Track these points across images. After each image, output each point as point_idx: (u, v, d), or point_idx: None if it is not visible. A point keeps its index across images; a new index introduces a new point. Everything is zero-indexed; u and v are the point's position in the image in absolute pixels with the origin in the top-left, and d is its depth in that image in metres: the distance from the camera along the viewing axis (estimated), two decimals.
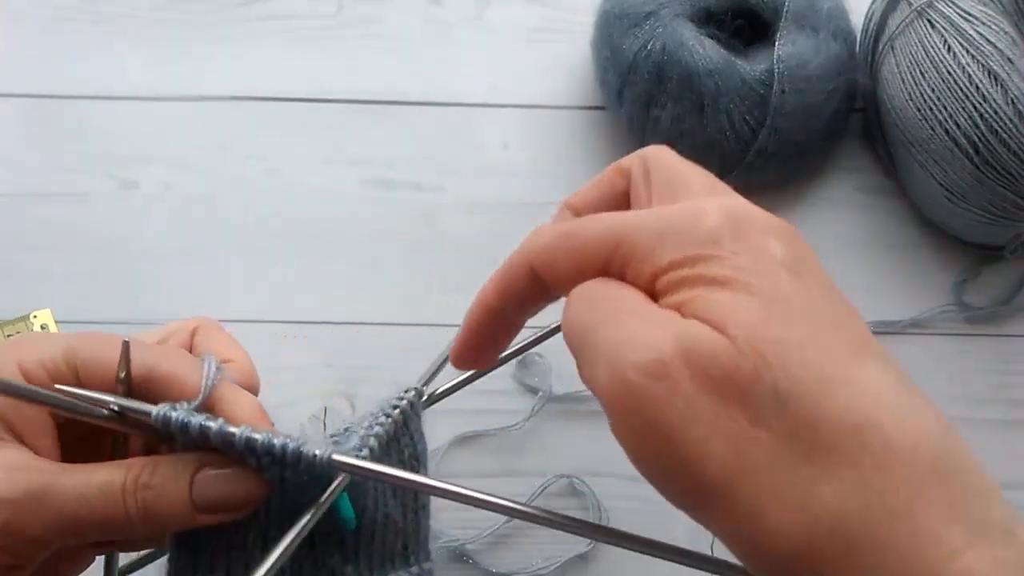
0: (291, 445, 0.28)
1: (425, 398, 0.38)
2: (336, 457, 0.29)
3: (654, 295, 0.25)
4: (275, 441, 0.28)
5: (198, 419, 0.28)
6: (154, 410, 0.29)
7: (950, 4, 0.52)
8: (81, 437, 0.32)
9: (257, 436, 0.28)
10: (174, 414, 0.28)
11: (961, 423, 0.54)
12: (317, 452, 0.28)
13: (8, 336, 0.54)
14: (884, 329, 0.56)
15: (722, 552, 0.25)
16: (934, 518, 0.21)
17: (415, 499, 0.35)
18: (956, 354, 0.56)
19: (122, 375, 0.30)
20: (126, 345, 0.30)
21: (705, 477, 0.22)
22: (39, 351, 0.30)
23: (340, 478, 0.30)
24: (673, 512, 0.26)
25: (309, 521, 0.29)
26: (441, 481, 0.29)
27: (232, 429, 0.28)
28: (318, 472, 0.29)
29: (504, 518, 0.51)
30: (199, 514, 0.30)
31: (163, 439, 0.30)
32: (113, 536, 0.30)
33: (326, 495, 0.30)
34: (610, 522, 0.51)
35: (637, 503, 0.52)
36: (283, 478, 0.30)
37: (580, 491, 0.52)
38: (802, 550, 0.21)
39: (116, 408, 0.29)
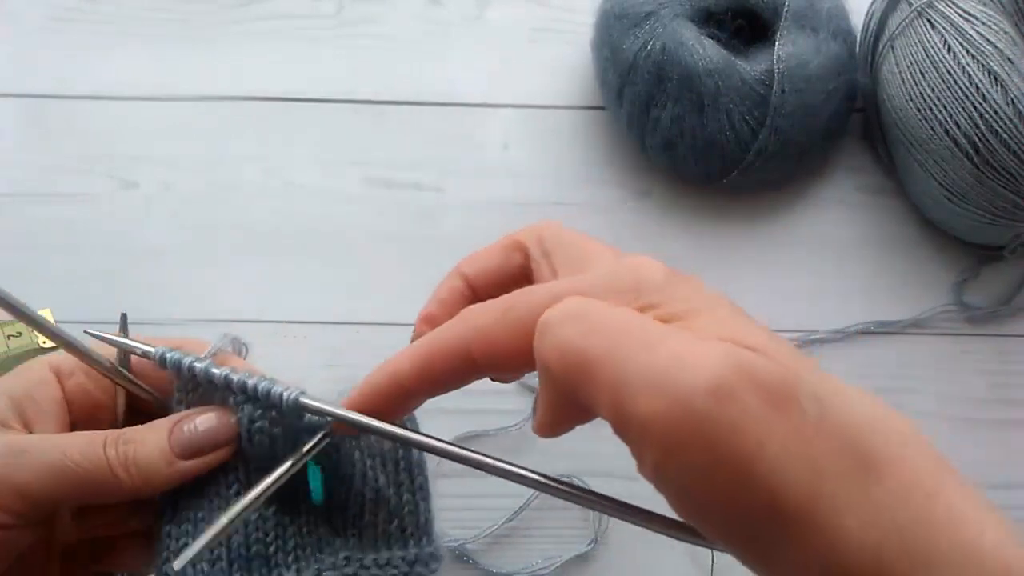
0: (262, 383, 0.30)
1: None
2: (303, 399, 0.30)
3: None
4: (249, 380, 0.31)
5: (189, 358, 0.31)
6: (155, 349, 0.32)
7: (950, 4, 0.52)
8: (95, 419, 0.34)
9: (234, 376, 0.31)
10: (170, 353, 0.31)
11: (961, 423, 0.55)
12: (284, 392, 0.30)
13: (9, 337, 0.54)
14: (884, 329, 0.56)
15: (721, 552, 0.24)
16: (960, 502, 0.22)
17: (410, 479, 0.35)
18: (956, 354, 0.56)
19: (121, 337, 0.33)
20: (124, 317, 0.34)
21: (786, 500, 0.20)
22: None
23: (319, 435, 0.31)
24: (672, 512, 0.26)
25: (283, 475, 0.30)
26: (417, 433, 0.29)
27: (215, 370, 0.31)
28: (305, 430, 0.31)
29: (504, 518, 0.51)
30: (178, 460, 0.31)
31: (160, 405, 0.33)
32: (98, 493, 0.31)
33: (307, 447, 0.31)
34: (610, 523, 0.51)
35: (637, 502, 0.52)
36: (272, 439, 0.32)
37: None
38: (874, 565, 0.20)
39: (121, 344, 0.32)
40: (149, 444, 0.31)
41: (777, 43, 0.54)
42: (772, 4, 0.55)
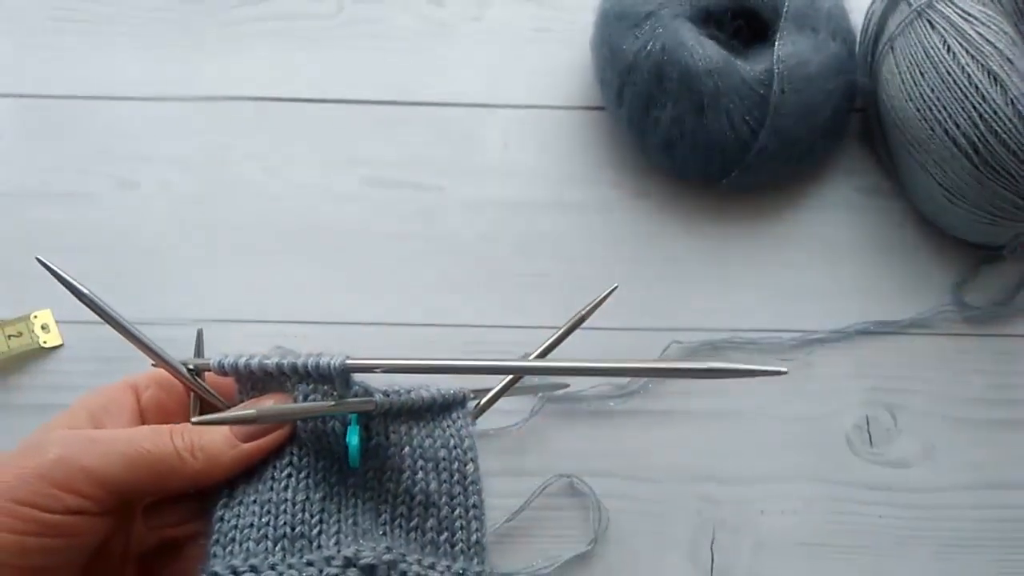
0: (309, 359, 0.33)
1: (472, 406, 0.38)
2: (349, 361, 0.33)
3: None
4: (297, 359, 0.34)
5: (242, 358, 0.34)
6: (213, 359, 0.34)
7: (950, 4, 0.52)
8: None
9: (284, 360, 0.34)
10: (227, 359, 0.34)
11: (961, 423, 0.55)
12: (331, 360, 0.33)
13: (9, 337, 0.54)
14: (884, 329, 0.56)
15: (721, 552, 0.25)
16: None
17: (465, 495, 0.35)
18: (956, 354, 0.56)
19: (195, 359, 0.36)
20: (200, 333, 0.38)
21: None
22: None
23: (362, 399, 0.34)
24: (672, 512, 0.26)
25: (331, 408, 0.33)
26: (470, 360, 0.34)
27: (266, 360, 0.34)
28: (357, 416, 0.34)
29: (504, 518, 0.51)
30: (241, 443, 0.34)
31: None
32: (167, 477, 0.33)
33: (350, 401, 0.34)
34: (610, 523, 0.51)
35: (637, 503, 0.52)
36: (324, 431, 0.34)
37: (580, 491, 0.52)
38: None
39: (190, 367, 0.36)
40: (213, 430, 0.33)
41: (777, 43, 0.54)
42: (772, 4, 0.55)
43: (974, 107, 0.50)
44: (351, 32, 0.62)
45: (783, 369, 0.30)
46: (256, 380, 0.35)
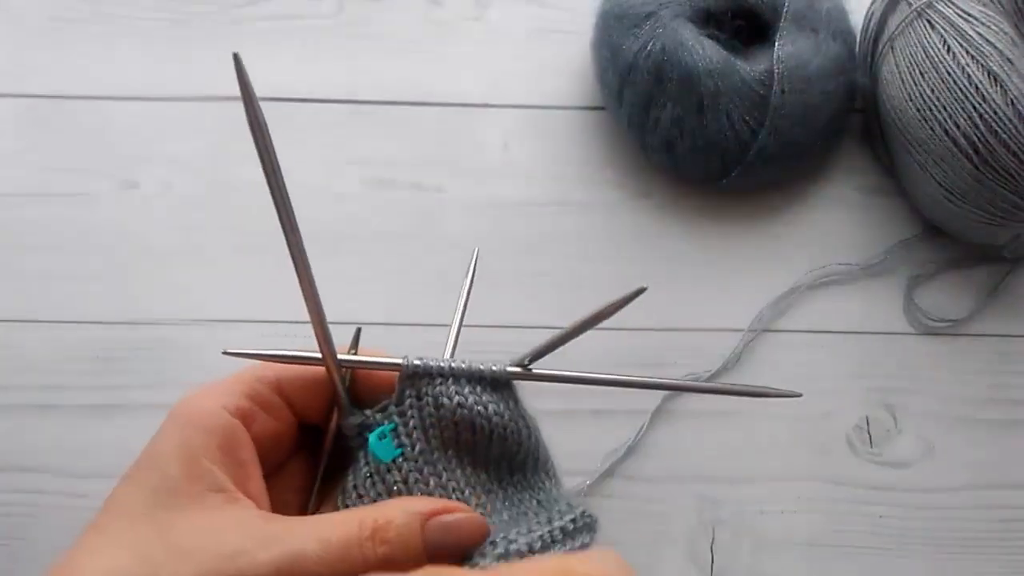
0: (484, 366, 0.33)
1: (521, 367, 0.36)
2: (509, 368, 0.33)
3: None
4: (481, 366, 0.33)
5: (436, 361, 0.33)
6: (404, 360, 0.33)
7: (949, 4, 0.52)
8: (272, 473, 0.33)
9: (473, 366, 0.33)
10: (419, 360, 0.33)
11: (961, 423, 0.55)
12: (500, 367, 0.33)
13: None
14: (884, 329, 0.56)
15: (721, 552, 0.25)
16: None
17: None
18: (956, 354, 0.56)
19: (352, 352, 0.34)
20: (358, 331, 0.36)
21: None
22: (239, 385, 0.32)
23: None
24: (670, 511, 0.26)
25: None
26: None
27: (463, 364, 0.33)
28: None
29: None
30: (430, 559, 0.29)
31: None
32: None
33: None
34: (609, 523, 0.51)
35: (636, 502, 0.52)
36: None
37: (580, 490, 0.52)
38: None
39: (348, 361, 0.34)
40: (406, 546, 0.29)
41: (777, 43, 0.54)
42: (772, 4, 0.55)
43: (974, 107, 0.50)
44: (351, 32, 0.62)
45: (797, 392, 0.29)
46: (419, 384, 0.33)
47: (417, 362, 0.33)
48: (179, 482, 0.28)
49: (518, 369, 0.33)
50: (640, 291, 0.32)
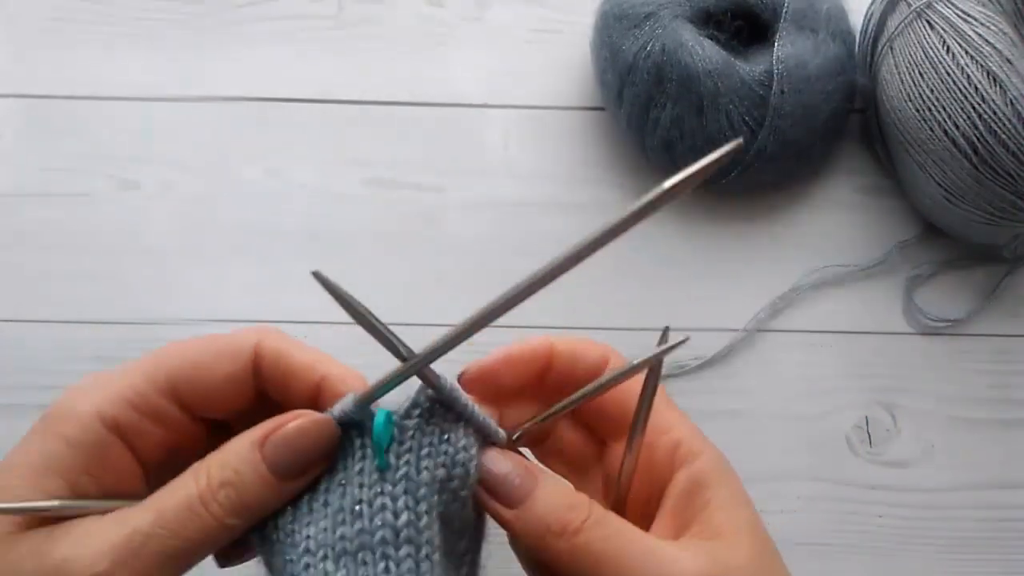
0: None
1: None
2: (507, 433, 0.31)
3: None
4: (490, 421, 0.31)
5: (446, 379, 0.30)
6: (444, 379, 0.30)
7: (949, 5, 0.52)
8: (180, 468, 0.30)
9: (487, 420, 0.31)
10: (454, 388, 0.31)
11: (961, 423, 0.55)
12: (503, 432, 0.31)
13: None
14: (883, 329, 0.56)
15: None
16: None
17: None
18: (956, 354, 0.56)
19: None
20: (665, 329, 0.31)
21: None
22: (121, 390, 0.29)
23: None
24: None
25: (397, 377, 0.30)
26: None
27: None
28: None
29: None
30: (284, 482, 0.28)
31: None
32: (222, 541, 0.28)
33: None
34: None
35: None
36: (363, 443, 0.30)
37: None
38: None
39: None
40: (246, 479, 0.27)
41: (776, 44, 0.54)
42: (771, 5, 0.55)
43: (973, 107, 0.50)
44: (351, 32, 0.62)
45: (736, 142, 0.25)
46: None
47: (455, 390, 0.30)
48: (24, 497, 0.27)
49: (512, 435, 0.32)
50: (683, 341, 0.30)
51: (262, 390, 0.31)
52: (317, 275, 0.28)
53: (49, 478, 0.27)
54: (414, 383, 0.31)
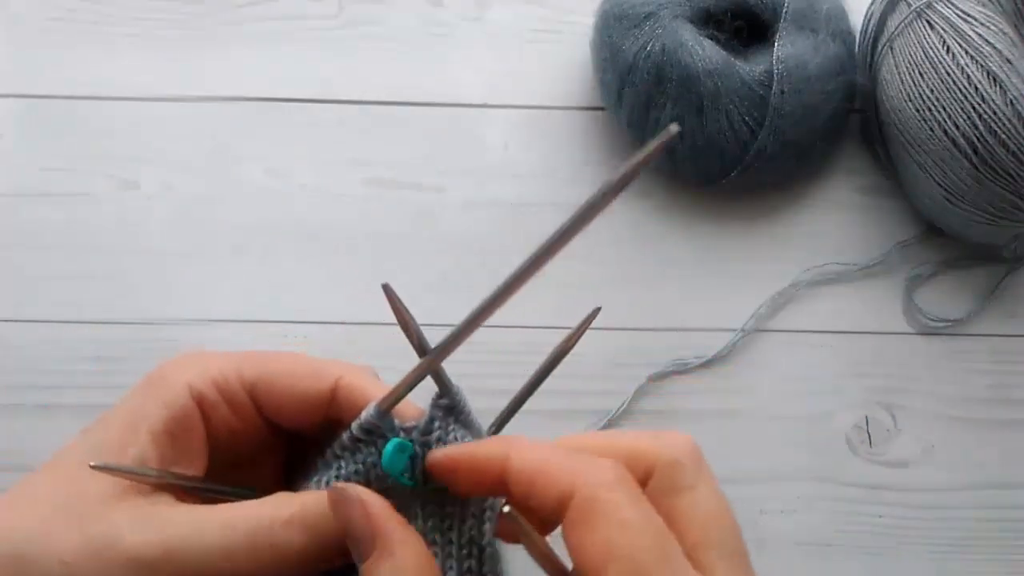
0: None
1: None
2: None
3: None
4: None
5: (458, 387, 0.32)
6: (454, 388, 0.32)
7: (949, 5, 0.52)
8: (234, 464, 0.32)
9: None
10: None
11: (961, 423, 0.55)
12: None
13: None
14: (883, 328, 0.56)
15: None
16: None
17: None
18: (956, 354, 0.56)
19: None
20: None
21: None
22: (211, 369, 0.31)
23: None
24: None
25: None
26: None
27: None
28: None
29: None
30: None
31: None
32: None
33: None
34: None
35: None
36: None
37: None
38: None
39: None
40: (318, 525, 0.27)
41: (776, 44, 0.54)
42: (771, 5, 0.55)
43: (973, 108, 0.50)
44: (351, 32, 0.62)
45: (673, 129, 0.24)
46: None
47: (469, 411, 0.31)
48: (112, 447, 0.28)
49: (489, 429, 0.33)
50: (595, 312, 0.31)
51: (336, 416, 0.32)
52: (386, 289, 0.30)
53: (138, 433, 0.29)
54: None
